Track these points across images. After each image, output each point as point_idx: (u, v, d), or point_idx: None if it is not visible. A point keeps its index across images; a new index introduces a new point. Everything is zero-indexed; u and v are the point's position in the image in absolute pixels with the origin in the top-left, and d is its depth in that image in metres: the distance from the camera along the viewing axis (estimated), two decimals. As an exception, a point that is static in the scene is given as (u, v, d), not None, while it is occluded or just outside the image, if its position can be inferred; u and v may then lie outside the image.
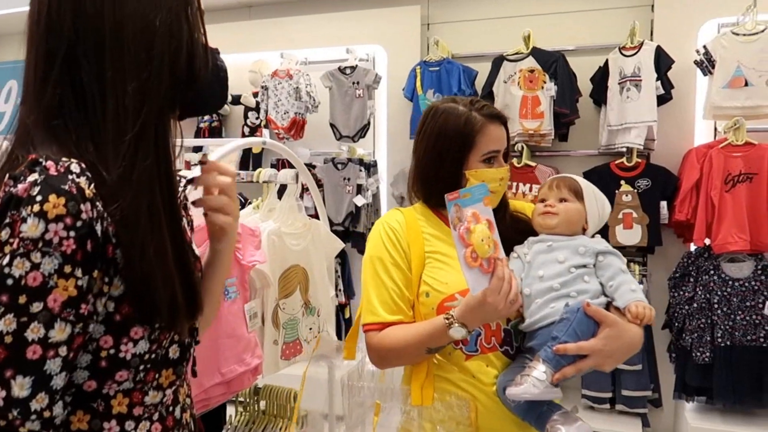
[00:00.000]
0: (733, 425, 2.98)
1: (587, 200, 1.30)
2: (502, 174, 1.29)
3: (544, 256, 1.25)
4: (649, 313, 1.15)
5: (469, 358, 1.24)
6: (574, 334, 1.12)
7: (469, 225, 1.08)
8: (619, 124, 3.19)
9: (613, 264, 1.22)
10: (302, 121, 3.74)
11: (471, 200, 1.11)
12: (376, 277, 1.27)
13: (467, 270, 1.07)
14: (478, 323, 1.15)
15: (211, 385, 1.36)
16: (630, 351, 1.16)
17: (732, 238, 2.93)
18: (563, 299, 1.19)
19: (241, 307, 1.44)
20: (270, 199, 1.78)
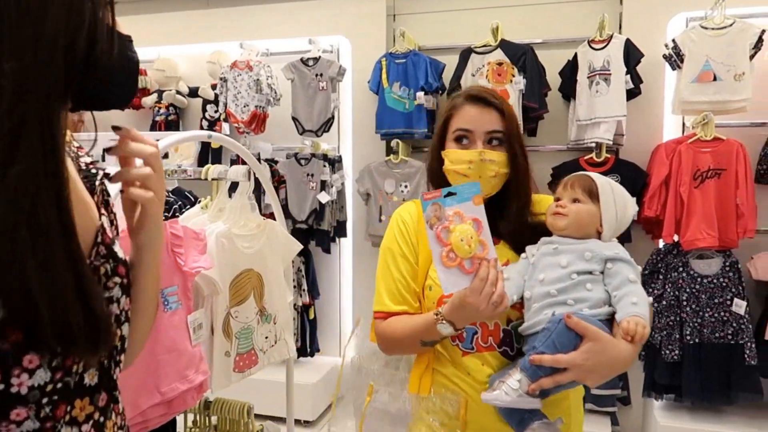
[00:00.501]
0: (701, 423, 2.96)
1: (603, 201, 1.20)
2: (470, 156, 1.22)
3: (549, 258, 1.18)
4: (642, 331, 1.06)
5: (465, 354, 1.23)
6: (552, 345, 1.07)
7: (449, 225, 1.06)
8: (588, 118, 3.13)
9: (621, 272, 1.12)
10: (263, 114, 3.59)
11: (457, 199, 1.09)
12: (385, 268, 1.31)
13: (441, 269, 1.06)
14: (465, 322, 1.13)
15: (149, 406, 1.23)
16: (615, 368, 1.09)
17: (701, 235, 2.90)
18: (559, 306, 1.13)
19: (183, 319, 1.30)
20: (220, 198, 1.64)
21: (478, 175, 1.22)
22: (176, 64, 4.00)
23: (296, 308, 3.69)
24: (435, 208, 1.07)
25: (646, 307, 1.10)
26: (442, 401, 1.20)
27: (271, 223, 1.72)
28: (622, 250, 1.17)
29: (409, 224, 1.31)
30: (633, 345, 1.08)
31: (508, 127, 1.25)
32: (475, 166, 1.22)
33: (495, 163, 1.23)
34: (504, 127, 1.24)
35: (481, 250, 1.07)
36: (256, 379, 1.85)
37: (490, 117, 1.24)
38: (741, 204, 2.88)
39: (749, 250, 3.02)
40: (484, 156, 1.22)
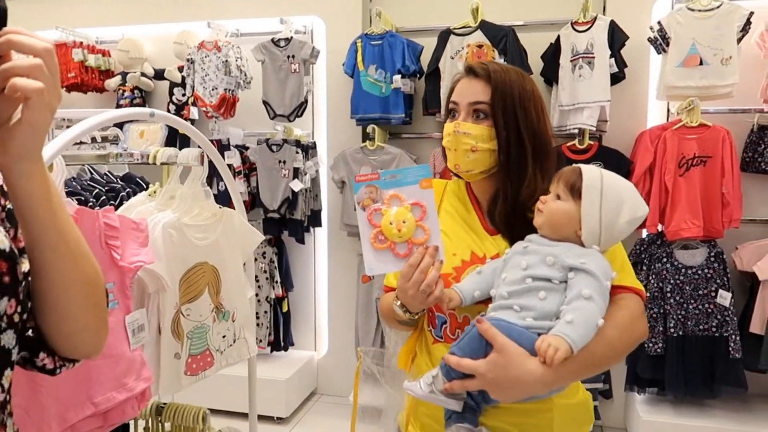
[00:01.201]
0: (684, 417, 2.89)
1: (586, 199, 1.03)
2: (448, 129, 1.16)
3: (516, 258, 1.06)
4: (552, 354, 0.92)
5: (436, 342, 1.17)
6: (462, 349, 1.00)
7: (381, 207, 1.03)
8: (571, 104, 3.01)
9: (576, 285, 0.98)
10: (232, 98, 3.42)
11: (399, 182, 1.04)
12: None
13: (369, 249, 1.04)
14: (410, 306, 1.07)
15: (81, 419, 1.08)
16: (522, 388, 0.96)
17: (685, 225, 2.81)
18: (506, 310, 1.02)
19: (120, 320, 1.15)
20: (171, 184, 1.49)
21: (455, 148, 1.14)
22: (141, 44, 3.80)
23: (269, 301, 3.55)
24: (370, 190, 1.04)
25: (584, 330, 0.94)
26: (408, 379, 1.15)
27: (229, 212, 1.57)
28: (594, 260, 0.99)
29: None
30: (548, 368, 0.93)
31: (494, 98, 1.12)
32: (451, 139, 1.15)
33: (470, 136, 1.12)
34: (489, 99, 1.12)
35: (422, 236, 1.03)
36: (226, 374, 1.72)
37: (475, 88, 1.14)
38: (727, 192, 2.79)
39: (734, 240, 2.94)
40: (458, 128, 1.13)
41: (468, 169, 1.15)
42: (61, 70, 3.67)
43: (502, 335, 0.97)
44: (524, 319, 0.99)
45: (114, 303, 1.14)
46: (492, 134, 1.12)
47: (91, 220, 1.10)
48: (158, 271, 1.31)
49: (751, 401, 2.98)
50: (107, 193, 1.57)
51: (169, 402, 1.61)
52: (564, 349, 0.92)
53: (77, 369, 1.09)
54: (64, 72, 3.69)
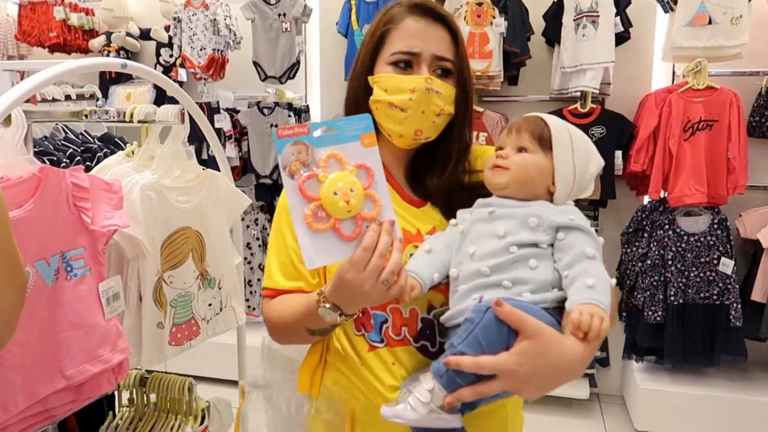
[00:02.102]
0: (682, 385, 2.87)
1: (558, 150, 0.91)
2: (414, 83, 0.93)
3: (482, 226, 0.90)
4: (597, 325, 0.77)
5: (372, 349, 0.95)
6: (475, 344, 0.78)
7: (317, 173, 0.77)
8: (573, 65, 2.90)
9: (575, 245, 0.84)
10: (221, 59, 3.29)
11: (335, 137, 0.79)
12: (278, 232, 1.03)
13: (304, 233, 0.77)
14: (352, 306, 0.84)
15: (51, 393, 1.01)
16: (560, 376, 0.79)
17: (689, 191, 2.73)
18: (493, 289, 0.84)
19: (92, 287, 1.07)
20: (151, 144, 1.39)
21: (422, 110, 0.94)
22: (126, 3, 3.64)
23: (262, 269, 3.48)
24: (299, 149, 0.77)
25: (607, 292, 0.81)
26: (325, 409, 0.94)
27: (213, 173, 1.47)
28: (579, 215, 0.88)
29: None
30: (587, 343, 0.78)
31: (461, 54, 0.98)
32: (418, 98, 0.93)
33: (442, 97, 0.95)
34: (456, 55, 0.97)
35: (371, 209, 0.80)
36: (218, 342, 1.65)
37: (440, 37, 0.96)
38: (733, 158, 2.70)
39: (738, 207, 2.87)
40: (431, 84, 0.94)
41: (428, 136, 0.97)
42: (42, 29, 3.53)
43: (531, 317, 0.78)
44: (520, 295, 0.83)
45: (85, 270, 1.06)
46: (455, 95, 0.98)
47: (56, 180, 1.01)
48: (136, 236, 1.22)
49: (750, 369, 2.95)
50: (83, 153, 1.48)
51: (153, 373, 1.54)
52: (606, 318, 0.78)
53: (45, 341, 1.02)
54: (45, 31, 3.54)
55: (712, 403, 2.77)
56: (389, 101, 0.95)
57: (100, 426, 1.49)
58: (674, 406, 2.82)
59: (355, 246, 0.78)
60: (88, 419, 1.56)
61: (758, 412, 2.69)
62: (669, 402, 2.82)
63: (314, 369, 1.01)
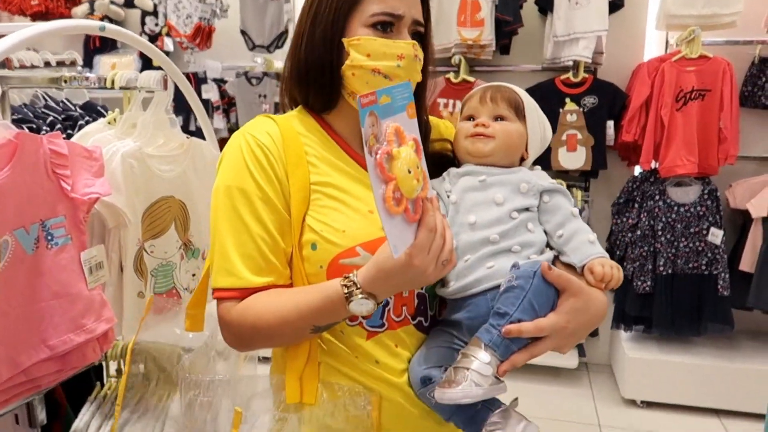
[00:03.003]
0: (669, 353, 2.90)
1: (530, 119, 0.96)
2: (403, 49, 0.87)
3: (476, 194, 0.91)
4: (618, 274, 0.85)
5: (371, 336, 0.88)
6: (530, 309, 0.80)
7: (390, 147, 0.70)
8: (566, 34, 2.86)
9: (561, 206, 0.91)
10: (208, 27, 3.22)
11: (391, 107, 0.72)
12: (236, 219, 0.86)
13: (388, 219, 0.69)
14: (392, 293, 0.82)
15: (35, 362, 1.00)
16: (594, 326, 0.86)
17: (680, 161, 2.72)
18: (504, 255, 0.87)
19: (74, 257, 1.05)
20: (133, 111, 1.36)
21: (408, 77, 0.87)
22: (109, -31, 3.54)
23: (252, 241, 3.46)
24: (372, 121, 0.69)
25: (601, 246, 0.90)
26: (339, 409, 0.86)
27: (198, 142, 1.44)
28: (550, 178, 0.95)
29: (271, 151, 0.88)
30: (604, 294, 0.87)
31: (426, 14, 0.94)
32: (406, 65, 0.88)
33: (421, 64, 0.92)
34: (425, 16, 0.93)
35: (422, 188, 0.74)
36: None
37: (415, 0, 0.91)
38: (724, 128, 2.70)
39: (728, 178, 2.87)
40: (417, 51, 0.89)
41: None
42: (24, -4, 3.43)
43: (573, 276, 0.83)
44: (529, 258, 0.87)
45: (66, 238, 1.04)
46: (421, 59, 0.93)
47: (34, 146, 0.99)
48: (117, 205, 1.20)
49: (736, 338, 2.99)
50: (64, 121, 1.44)
51: (141, 342, 1.53)
52: (621, 269, 0.87)
53: (27, 310, 1.00)
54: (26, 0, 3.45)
55: (699, 372, 2.81)
56: (373, 67, 0.87)
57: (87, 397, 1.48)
58: (661, 375, 2.85)
59: (416, 228, 0.74)
60: (76, 390, 1.55)
61: (744, 380, 2.73)
62: (656, 370, 2.86)
63: (301, 373, 0.88)
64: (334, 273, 0.84)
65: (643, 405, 2.92)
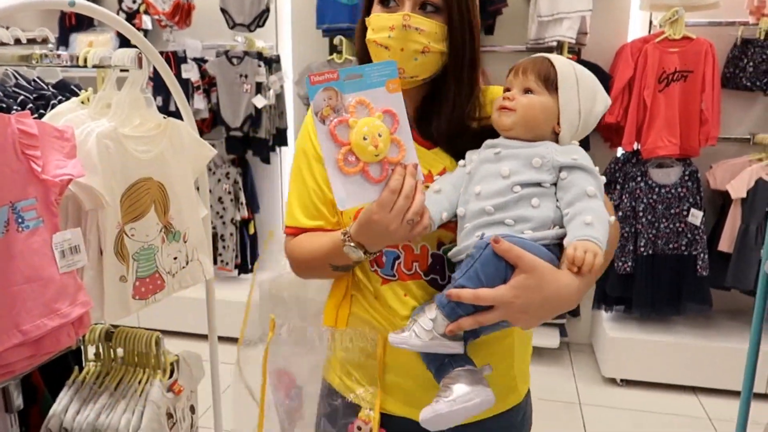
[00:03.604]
0: (650, 333, 2.95)
1: (563, 91, 0.93)
2: (392, 21, 0.92)
3: (489, 166, 0.92)
4: (592, 260, 0.82)
5: (385, 282, 1.01)
6: (475, 277, 0.84)
7: (348, 118, 0.82)
8: (550, 14, 2.84)
9: (576, 184, 0.88)
10: (187, 5, 3.15)
11: (362, 83, 0.83)
12: (298, 174, 1.07)
13: (336, 176, 0.83)
14: (376, 245, 0.91)
15: (7, 348, 0.97)
16: (555, 307, 0.85)
17: (662, 142, 2.74)
18: (496, 227, 0.88)
19: (47, 240, 1.02)
20: (107, 90, 1.32)
21: (401, 47, 0.93)
22: (84, -57, 3.44)
23: (234, 223, 3.44)
24: (329, 94, 0.81)
25: (604, 229, 0.85)
26: (357, 337, 1.02)
27: (175, 122, 1.41)
28: (582, 155, 0.91)
29: None
30: (580, 277, 0.84)
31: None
32: (396, 35, 0.92)
33: (424, 33, 0.93)
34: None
35: (396, 153, 0.84)
36: (185, 296, 1.63)
37: None
38: (706, 109, 2.71)
39: (709, 159, 2.90)
40: (408, 21, 0.92)
41: (413, 75, 0.96)
42: (-6, -29, 3.32)
43: (528, 253, 0.83)
44: (522, 233, 0.87)
45: (38, 221, 1.01)
46: (445, 32, 0.95)
47: (2, 126, 0.95)
48: (93, 186, 1.16)
49: (715, 317, 3.04)
50: (36, 101, 1.39)
51: (119, 326, 1.51)
52: (600, 254, 0.83)
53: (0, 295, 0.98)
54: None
55: (678, 350, 2.86)
56: (374, 39, 0.96)
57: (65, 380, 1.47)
58: (641, 354, 2.90)
59: (382, 188, 0.84)
60: (54, 375, 1.53)
61: (722, 358, 2.78)
62: (636, 349, 2.91)
63: (339, 303, 1.05)
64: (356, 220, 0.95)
65: (622, 383, 2.97)
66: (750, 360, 1.75)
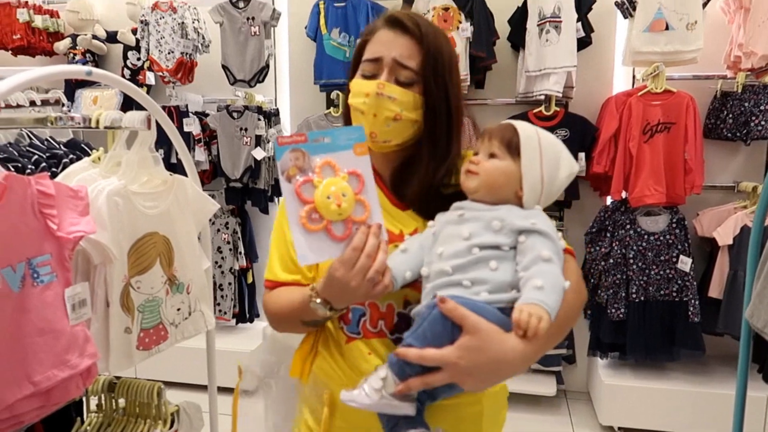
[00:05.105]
0: (645, 380, 2.96)
1: (525, 157, 0.95)
2: (367, 88, 0.98)
3: (451, 228, 0.94)
4: (536, 324, 0.81)
5: (350, 340, 1.02)
6: (422, 337, 0.85)
7: (313, 178, 0.85)
8: (537, 69, 2.97)
9: (533, 248, 0.88)
10: (190, 62, 3.28)
11: (330, 146, 0.87)
12: (279, 230, 1.11)
13: (299, 232, 0.85)
14: (342, 301, 0.92)
15: (18, 399, 1.01)
16: (501, 371, 0.84)
17: (649, 191, 2.82)
18: (452, 288, 0.89)
19: (59, 293, 1.08)
20: (117, 150, 1.40)
21: (373, 113, 0.97)
22: (92, 5, 3.61)
23: (233, 272, 3.48)
24: (296, 156, 0.85)
25: (556, 294, 0.84)
26: (312, 391, 1.04)
27: (180, 179, 1.49)
28: (542, 219, 0.92)
29: None
30: (528, 342, 0.82)
31: (425, 62, 0.99)
32: (371, 101, 0.97)
33: (396, 102, 0.97)
34: (419, 62, 0.98)
35: (361, 213, 0.87)
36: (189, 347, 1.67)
37: (404, 45, 0.99)
38: (689, 159, 2.80)
39: (695, 207, 2.98)
40: (382, 90, 0.97)
41: (385, 140, 1.00)
42: (5, 31, 3.47)
43: (473, 314, 0.83)
44: (478, 294, 0.87)
45: (52, 276, 1.06)
46: (419, 102, 0.99)
47: (22, 188, 1.02)
48: (103, 242, 1.23)
49: (709, 363, 3.06)
50: (48, 159, 1.47)
51: (121, 377, 1.54)
52: (546, 318, 0.82)
53: (13, 347, 1.02)
54: (8, 33, 3.48)
55: (673, 397, 2.86)
56: (352, 104, 1.02)
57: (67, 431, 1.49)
58: (637, 401, 2.91)
59: (345, 246, 0.86)
60: (56, 425, 1.55)
61: (717, 404, 2.79)
62: (632, 397, 2.91)
63: (306, 356, 1.07)
64: None
65: (620, 431, 2.96)
66: (737, 407, 1.77)
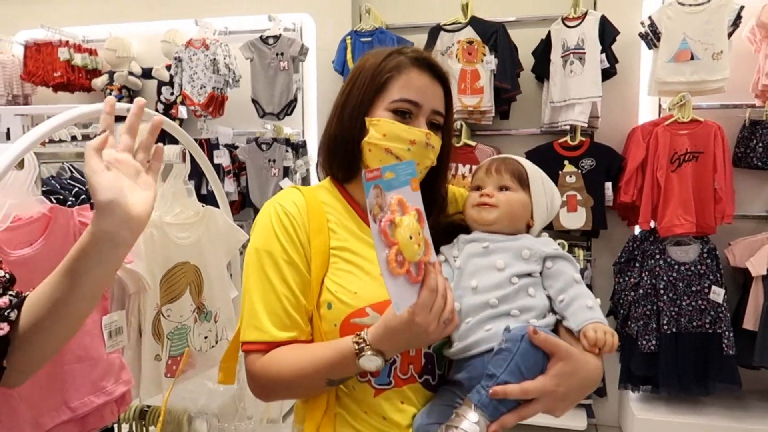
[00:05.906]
0: (678, 414, 2.88)
1: (534, 188, 1.03)
2: (416, 135, 0.95)
3: (479, 260, 0.96)
4: (611, 340, 0.88)
5: (378, 393, 0.94)
6: (517, 372, 0.84)
7: (394, 216, 0.78)
8: (562, 100, 2.99)
9: (564, 272, 0.94)
10: (221, 96, 3.38)
11: (395, 182, 0.81)
12: (263, 279, 0.95)
13: (390, 279, 0.77)
14: (399, 350, 0.88)
15: (57, 424, 1.04)
16: (587, 390, 0.89)
17: (678, 221, 2.79)
18: (502, 319, 0.91)
19: (97, 321, 1.11)
20: (153, 182, 1.45)
21: (417, 162, 0.94)
22: (129, 43, 3.76)
23: (259, 301, 3.51)
24: (376, 193, 0.78)
25: (601, 312, 0.93)
26: None
27: (212, 210, 1.53)
28: (557, 245, 0.99)
29: (296, 218, 0.97)
30: (598, 359, 0.89)
31: (448, 110, 1.03)
32: (416, 150, 0.96)
33: (434, 151, 0.99)
34: (443, 109, 1.02)
35: (425, 252, 0.82)
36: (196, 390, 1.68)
37: (437, 93, 1.01)
38: (719, 188, 2.77)
39: (727, 236, 2.93)
40: (429, 140, 0.97)
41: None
42: (47, 69, 3.63)
43: (561, 340, 0.87)
44: (527, 322, 0.91)
45: (90, 304, 1.10)
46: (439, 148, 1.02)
47: (65, 219, 1.07)
48: (139, 271, 1.27)
49: (745, 398, 2.97)
50: (87, 192, 1.54)
51: (153, 405, 1.57)
52: (611, 332, 0.89)
53: (52, 373, 1.06)
54: (49, 71, 3.64)
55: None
56: (387, 147, 0.96)
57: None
58: (671, 436, 2.83)
59: (419, 289, 0.81)
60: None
61: (755, 441, 2.70)
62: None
63: (319, 423, 0.95)
64: (345, 331, 0.91)
65: (654, 467, 2.87)
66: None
